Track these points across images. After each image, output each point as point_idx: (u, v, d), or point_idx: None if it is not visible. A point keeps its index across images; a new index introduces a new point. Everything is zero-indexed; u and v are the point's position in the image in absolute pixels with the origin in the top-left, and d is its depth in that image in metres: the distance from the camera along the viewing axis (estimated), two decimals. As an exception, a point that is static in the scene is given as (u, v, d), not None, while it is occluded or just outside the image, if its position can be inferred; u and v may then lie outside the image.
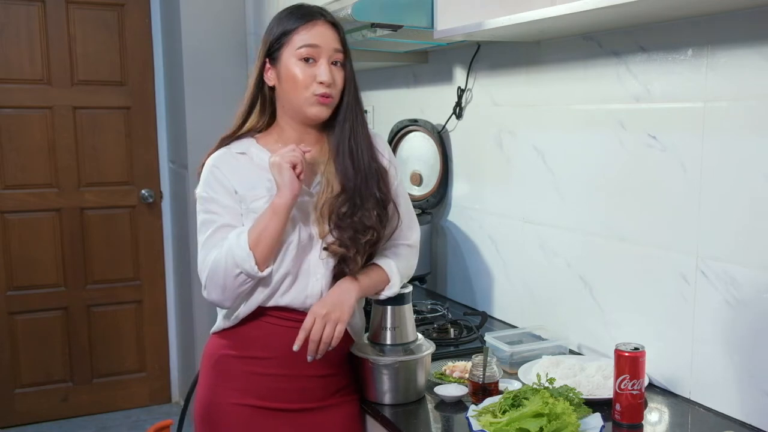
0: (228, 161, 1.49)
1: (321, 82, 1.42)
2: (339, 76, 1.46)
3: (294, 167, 1.39)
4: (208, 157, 1.52)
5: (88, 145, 3.56)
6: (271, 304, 1.47)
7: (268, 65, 1.48)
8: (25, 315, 3.53)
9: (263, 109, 1.53)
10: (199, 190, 1.49)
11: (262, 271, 1.40)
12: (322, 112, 1.46)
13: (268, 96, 1.52)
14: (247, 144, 1.51)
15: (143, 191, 3.68)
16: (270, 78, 1.49)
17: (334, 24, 1.48)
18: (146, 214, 3.72)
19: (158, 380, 3.85)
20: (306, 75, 1.43)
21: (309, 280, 1.48)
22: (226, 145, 1.52)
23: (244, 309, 1.47)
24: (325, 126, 1.51)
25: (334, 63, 1.45)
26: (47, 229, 3.53)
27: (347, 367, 1.58)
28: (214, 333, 1.57)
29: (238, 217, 1.46)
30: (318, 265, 1.48)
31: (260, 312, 1.48)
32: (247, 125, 1.53)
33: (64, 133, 3.50)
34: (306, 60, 1.43)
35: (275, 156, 1.41)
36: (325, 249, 1.46)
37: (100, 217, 3.63)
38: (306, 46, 1.43)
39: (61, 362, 3.63)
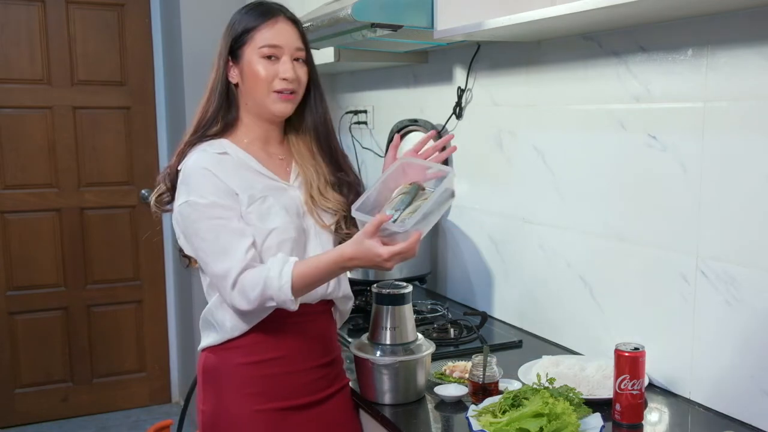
0: (216, 162, 1.42)
1: (284, 78, 1.44)
2: (302, 72, 1.48)
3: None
4: (177, 161, 1.46)
5: (88, 145, 3.56)
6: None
7: (230, 63, 1.49)
8: (25, 315, 3.53)
9: (229, 106, 1.51)
10: (194, 198, 1.39)
11: (296, 305, 1.38)
12: (287, 108, 1.48)
13: (234, 94, 1.51)
14: (220, 144, 1.47)
15: (143, 191, 3.68)
16: (233, 76, 1.49)
17: (294, 21, 1.50)
18: (146, 214, 3.71)
19: (158, 380, 3.85)
20: (268, 72, 1.44)
21: None
22: (197, 145, 1.46)
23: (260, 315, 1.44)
24: (287, 122, 1.55)
25: (296, 59, 1.48)
26: (47, 229, 3.53)
27: (338, 349, 1.60)
28: (213, 346, 1.50)
29: (240, 218, 1.42)
30: (316, 254, 1.47)
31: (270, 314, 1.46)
32: (217, 126, 1.49)
33: (64, 133, 3.50)
34: (268, 57, 1.45)
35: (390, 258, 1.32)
36: (347, 233, 1.50)
37: (100, 217, 3.63)
38: (268, 46, 1.44)
39: (61, 362, 3.63)
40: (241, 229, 1.40)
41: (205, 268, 1.44)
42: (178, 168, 1.45)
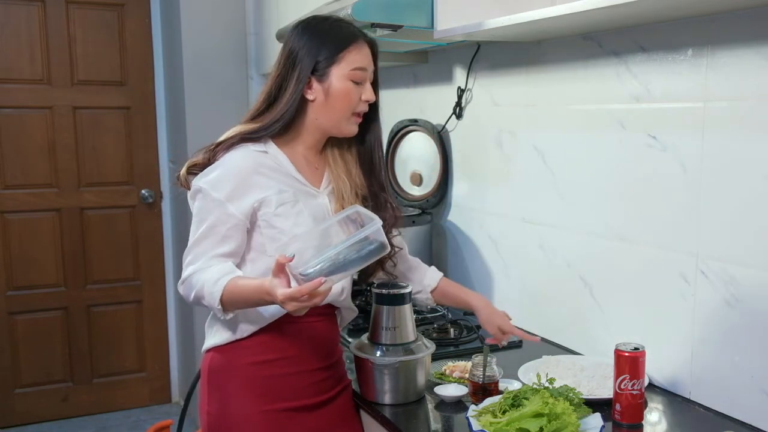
0: (252, 165, 1.43)
1: (367, 101, 1.49)
2: (376, 94, 1.52)
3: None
4: (223, 148, 1.45)
5: (88, 145, 3.56)
6: None
7: (312, 81, 1.46)
8: (25, 315, 3.53)
9: (292, 119, 1.48)
10: (207, 187, 1.41)
11: (227, 316, 1.41)
12: (356, 129, 1.52)
13: (301, 108, 1.48)
14: (264, 144, 1.47)
15: (143, 191, 3.68)
16: (312, 93, 1.46)
17: (375, 45, 1.52)
18: (146, 214, 3.72)
19: (158, 380, 3.85)
20: (355, 95, 1.47)
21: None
22: (245, 145, 1.46)
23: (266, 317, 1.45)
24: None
25: (372, 82, 1.51)
26: (47, 229, 3.53)
27: (341, 351, 1.61)
28: (219, 346, 1.50)
29: (236, 227, 1.42)
30: None
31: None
32: (271, 131, 1.47)
33: (64, 133, 3.50)
34: (356, 82, 1.47)
35: (294, 305, 1.27)
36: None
37: (100, 217, 3.62)
38: (359, 69, 1.46)
39: (61, 362, 3.63)
40: (228, 234, 1.41)
41: (189, 239, 1.46)
42: (220, 152, 1.46)
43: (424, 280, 1.68)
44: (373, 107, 1.54)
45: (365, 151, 1.57)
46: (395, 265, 1.63)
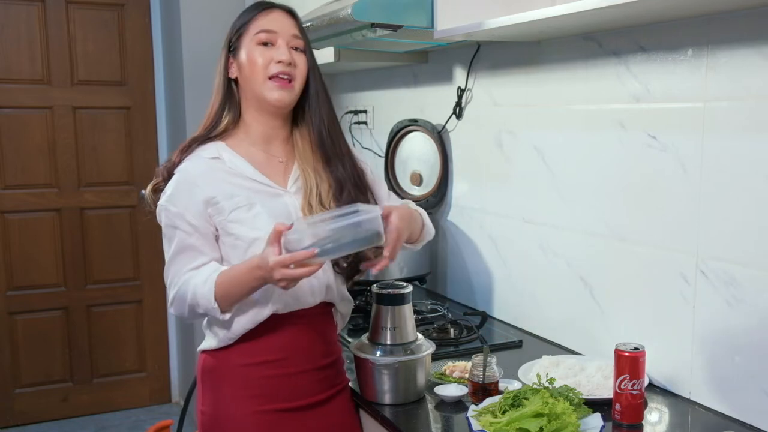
0: (202, 172, 1.43)
1: (280, 61, 1.43)
2: (300, 60, 1.47)
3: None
4: (179, 157, 1.47)
5: (88, 145, 3.56)
6: (286, 311, 1.45)
7: (231, 59, 1.49)
8: (25, 315, 3.53)
9: (231, 105, 1.50)
10: (166, 203, 1.42)
11: (224, 315, 1.40)
12: (283, 96, 1.44)
13: (236, 92, 1.51)
14: (216, 148, 1.47)
15: (143, 191, 3.67)
16: (233, 71, 1.49)
17: (291, 13, 1.50)
18: (146, 214, 3.71)
19: (158, 380, 3.85)
20: (265, 57, 1.44)
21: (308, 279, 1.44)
22: (197, 147, 1.47)
23: (258, 318, 1.44)
24: (293, 121, 1.53)
25: (295, 48, 1.46)
26: (47, 229, 3.53)
27: (339, 350, 1.60)
28: (212, 349, 1.49)
29: (204, 237, 1.42)
30: None
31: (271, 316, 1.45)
32: (222, 125, 1.49)
33: (64, 133, 3.51)
34: (264, 44, 1.44)
35: (280, 272, 1.26)
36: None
37: (100, 217, 3.63)
38: (263, 31, 1.44)
39: (61, 362, 3.63)
40: (199, 246, 1.41)
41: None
42: (177, 164, 1.47)
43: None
44: (310, 81, 1.49)
45: (318, 127, 1.51)
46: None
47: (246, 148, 1.48)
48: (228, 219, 1.41)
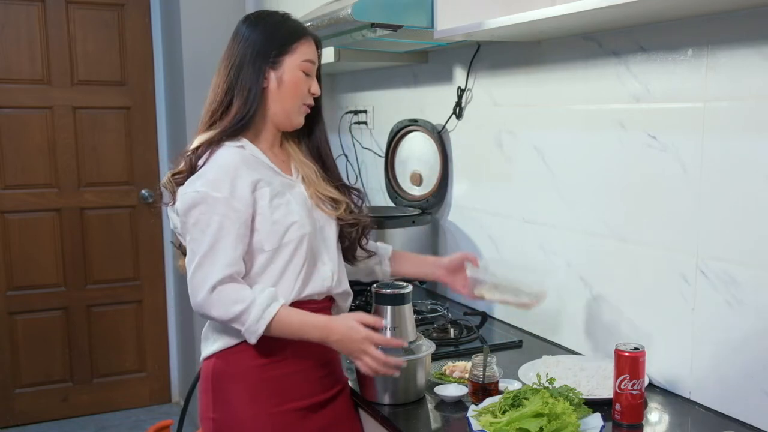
0: (243, 158, 1.45)
1: (314, 95, 1.55)
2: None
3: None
4: (204, 151, 1.45)
5: (88, 145, 3.56)
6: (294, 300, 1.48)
7: (269, 70, 1.49)
8: (25, 315, 3.53)
9: (258, 110, 1.50)
10: (208, 189, 1.39)
11: (254, 339, 1.42)
12: (302, 121, 1.57)
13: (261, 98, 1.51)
14: (239, 140, 1.49)
15: (143, 191, 3.68)
16: (267, 81, 1.49)
17: (318, 41, 1.58)
18: (146, 214, 3.72)
19: (158, 380, 3.85)
20: (306, 86, 1.53)
21: (324, 265, 1.53)
22: (226, 139, 1.47)
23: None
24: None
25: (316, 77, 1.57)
26: (47, 229, 3.53)
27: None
28: (220, 352, 1.48)
29: (245, 224, 1.42)
30: (331, 246, 1.55)
31: None
32: (244, 124, 1.49)
33: (64, 133, 3.51)
34: (305, 73, 1.52)
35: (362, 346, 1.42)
36: (352, 224, 1.59)
37: (100, 217, 3.63)
38: (309, 61, 1.52)
39: (61, 362, 3.63)
40: (241, 235, 1.41)
41: (191, 257, 1.41)
42: (202, 155, 1.45)
43: (379, 250, 1.75)
44: (317, 104, 1.60)
45: (313, 146, 1.62)
46: (368, 242, 1.69)
47: (257, 144, 1.53)
48: (271, 204, 1.45)
